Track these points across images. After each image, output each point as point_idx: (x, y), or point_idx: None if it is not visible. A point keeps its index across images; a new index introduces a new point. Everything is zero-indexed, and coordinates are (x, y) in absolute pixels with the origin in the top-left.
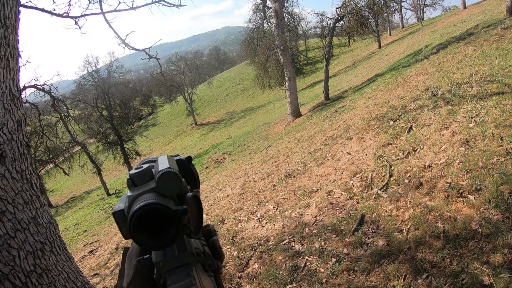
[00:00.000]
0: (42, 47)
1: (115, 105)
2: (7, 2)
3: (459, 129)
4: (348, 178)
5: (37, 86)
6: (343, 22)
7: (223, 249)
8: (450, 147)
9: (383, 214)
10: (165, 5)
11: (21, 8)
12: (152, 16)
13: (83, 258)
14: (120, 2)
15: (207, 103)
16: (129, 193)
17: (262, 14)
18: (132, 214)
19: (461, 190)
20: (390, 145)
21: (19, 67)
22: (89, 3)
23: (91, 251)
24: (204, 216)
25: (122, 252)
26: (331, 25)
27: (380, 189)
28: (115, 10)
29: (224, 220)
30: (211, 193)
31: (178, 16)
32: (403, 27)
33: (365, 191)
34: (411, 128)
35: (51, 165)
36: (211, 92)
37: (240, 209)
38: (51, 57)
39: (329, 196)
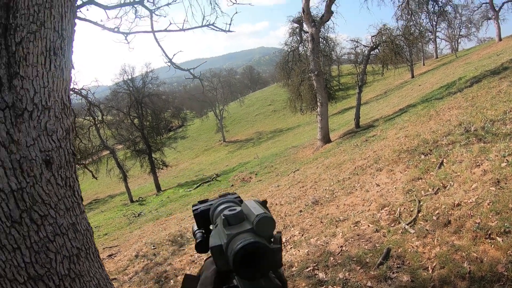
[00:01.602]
0: (82, 52)
1: (147, 115)
2: (65, 14)
3: (490, 168)
4: (376, 210)
5: (75, 90)
6: (377, 51)
7: None
8: (481, 186)
9: (409, 249)
10: (213, 29)
11: (76, 20)
12: (192, 33)
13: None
14: (170, 23)
15: (237, 121)
16: (227, 231)
17: (298, 38)
18: (237, 250)
19: (489, 231)
20: (420, 180)
21: (71, 77)
22: (135, 17)
23: (110, 255)
24: None
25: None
26: (366, 52)
27: (407, 224)
28: (165, 30)
29: None
30: None
31: (215, 34)
32: (437, 57)
33: (392, 224)
34: (442, 163)
35: (79, 166)
36: (241, 111)
37: None
38: (90, 63)
39: (356, 227)
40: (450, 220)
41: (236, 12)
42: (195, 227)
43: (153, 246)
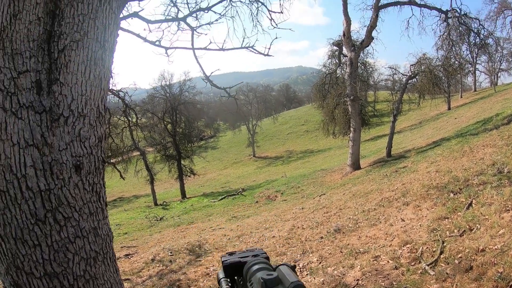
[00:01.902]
0: (122, 54)
1: (181, 122)
2: (108, 25)
3: None
4: (397, 246)
5: (113, 91)
6: (415, 80)
7: None
8: (508, 233)
9: None
10: (252, 51)
11: (118, 31)
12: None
13: (117, 259)
14: (210, 42)
15: (268, 137)
16: None
17: (337, 61)
18: None
19: (511, 282)
20: (447, 219)
21: (109, 86)
22: (178, 29)
23: (127, 255)
24: None
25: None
26: (404, 81)
27: (428, 265)
28: (205, 48)
29: None
30: (257, 229)
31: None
32: (475, 90)
33: (412, 263)
34: (470, 204)
35: (107, 165)
36: (274, 128)
37: (283, 254)
38: (130, 65)
39: (375, 261)
40: (472, 266)
41: (276, 37)
42: (221, 276)
43: (171, 252)
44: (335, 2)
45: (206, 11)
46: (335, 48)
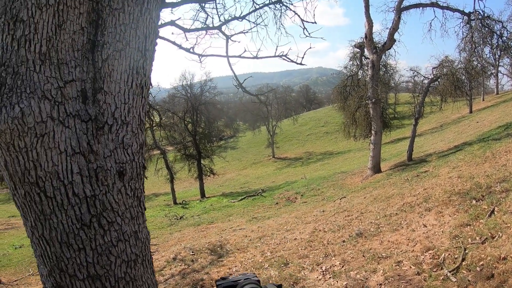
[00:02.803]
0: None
1: (201, 121)
2: (149, 35)
3: None
4: (420, 252)
5: None
6: (437, 83)
7: None
8: None
9: None
10: (285, 60)
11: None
12: (254, 46)
13: None
14: (245, 50)
15: (288, 138)
16: None
17: (358, 63)
18: None
19: None
20: (469, 227)
21: (149, 94)
22: (206, 34)
23: None
24: (268, 254)
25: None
26: (425, 84)
27: (450, 271)
28: (239, 56)
29: (288, 264)
30: (278, 231)
31: (274, 49)
32: (497, 93)
33: (434, 269)
34: (493, 212)
35: None
36: (294, 129)
37: (305, 257)
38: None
39: (397, 267)
40: (494, 273)
41: (310, 47)
42: None
43: (192, 252)
44: (355, 3)
45: (240, 19)
46: (356, 50)
